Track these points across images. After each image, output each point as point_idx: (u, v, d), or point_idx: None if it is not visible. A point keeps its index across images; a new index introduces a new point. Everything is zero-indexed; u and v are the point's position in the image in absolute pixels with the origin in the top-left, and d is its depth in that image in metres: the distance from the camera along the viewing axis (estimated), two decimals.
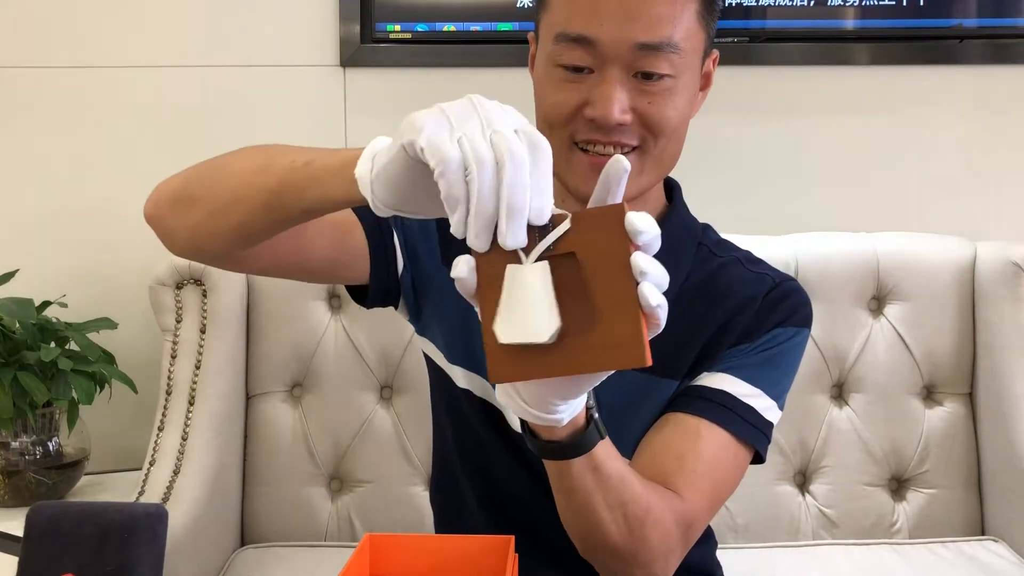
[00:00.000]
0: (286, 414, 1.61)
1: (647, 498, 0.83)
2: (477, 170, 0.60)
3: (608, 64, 0.87)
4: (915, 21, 1.74)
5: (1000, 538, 1.59)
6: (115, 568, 0.72)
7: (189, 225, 0.87)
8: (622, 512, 0.81)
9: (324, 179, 0.74)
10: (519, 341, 0.62)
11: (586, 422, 0.75)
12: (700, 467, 0.91)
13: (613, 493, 0.80)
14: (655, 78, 0.87)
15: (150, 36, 1.75)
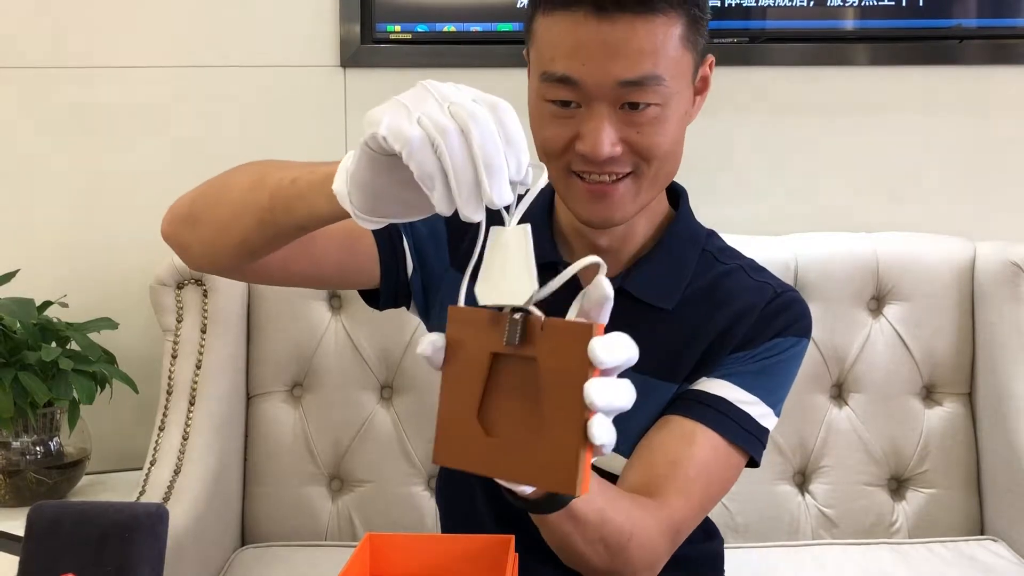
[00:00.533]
0: (286, 414, 1.62)
1: (630, 525, 0.86)
2: (443, 140, 0.59)
3: (594, 101, 0.88)
4: (915, 21, 1.74)
5: (999, 538, 1.59)
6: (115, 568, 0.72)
7: (199, 241, 0.90)
8: (603, 545, 0.84)
9: (309, 197, 0.75)
10: (496, 303, 0.62)
11: None
12: (692, 471, 0.92)
13: (592, 531, 0.83)
14: (642, 107, 0.88)
15: (150, 36, 1.75)
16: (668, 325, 0.99)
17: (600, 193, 0.90)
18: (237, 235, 0.84)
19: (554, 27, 0.87)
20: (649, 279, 0.99)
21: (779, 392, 1.00)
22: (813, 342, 1.59)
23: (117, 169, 1.77)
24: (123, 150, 1.76)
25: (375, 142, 0.62)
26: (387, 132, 0.61)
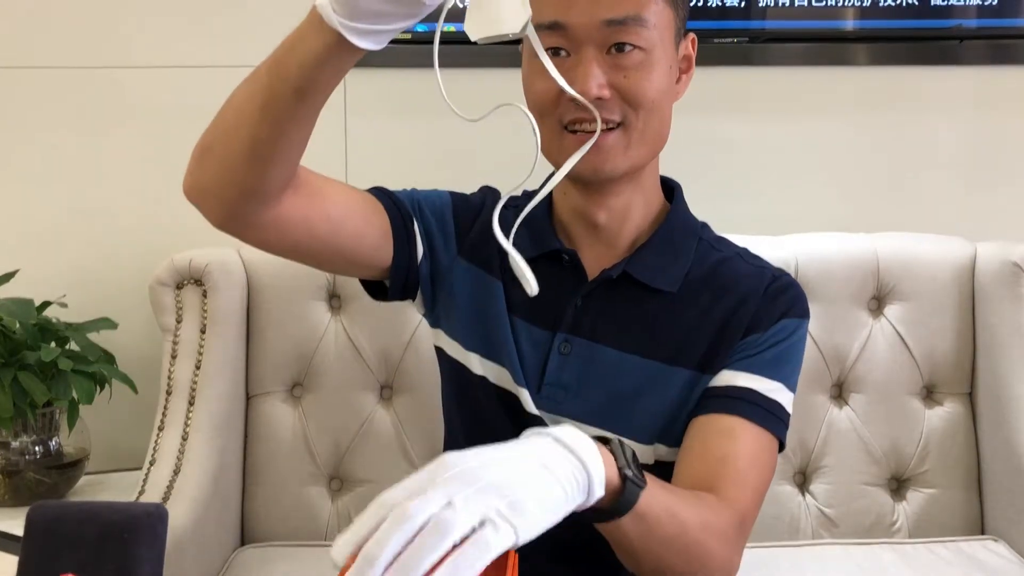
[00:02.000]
0: (286, 414, 1.62)
1: (701, 519, 0.85)
2: None
3: (582, 45, 0.92)
4: (915, 21, 1.74)
5: (1000, 538, 1.59)
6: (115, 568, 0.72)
7: (212, 172, 0.86)
8: (681, 542, 0.83)
9: (298, 44, 0.75)
10: (489, 35, 0.60)
11: (621, 483, 0.75)
12: (742, 464, 0.93)
13: (666, 529, 0.81)
14: (627, 49, 0.92)
15: (150, 36, 1.75)
16: (673, 310, 1.01)
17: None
18: (245, 136, 0.81)
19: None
20: (651, 264, 1.01)
21: (795, 375, 1.04)
22: (813, 341, 1.60)
23: (117, 169, 1.77)
24: (123, 150, 1.76)
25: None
26: None
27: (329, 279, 1.62)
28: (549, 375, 1.01)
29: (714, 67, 1.74)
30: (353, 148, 1.78)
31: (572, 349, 1.01)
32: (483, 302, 1.05)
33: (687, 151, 1.83)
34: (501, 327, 1.04)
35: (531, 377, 1.02)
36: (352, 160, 1.78)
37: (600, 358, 1.01)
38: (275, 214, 0.89)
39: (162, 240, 1.72)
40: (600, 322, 1.01)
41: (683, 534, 0.83)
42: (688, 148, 1.79)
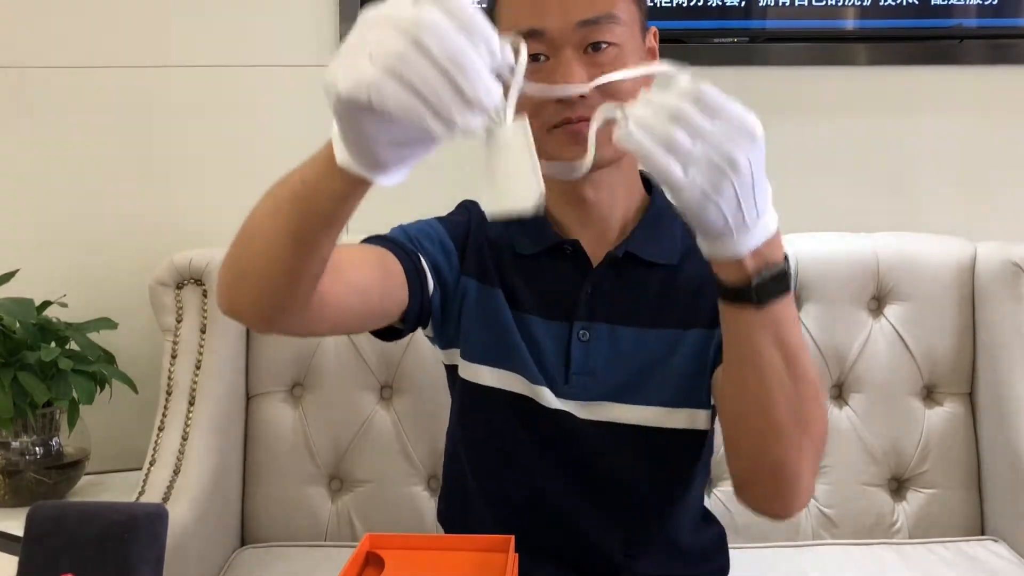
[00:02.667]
0: (286, 414, 1.62)
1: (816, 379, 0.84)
2: (402, 66, 0.57)
3: (560, 47, 0.96)
4: (915, 21, 1.74)
5: (1000, 538, 1.59)
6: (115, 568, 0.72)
7: (251, 298, 0.90)
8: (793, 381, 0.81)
9: (323, 186, 0.74)
10: (504, 210, 0.59)
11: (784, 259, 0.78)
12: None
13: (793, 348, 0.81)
14: (603, 47, 0.96)
15: (150, 36, 1.75)
16: (675, 279, 1.05)
17: (576, 133, 0.96)
18: (279, 264, 0.83)
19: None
20: (648, 241, 1.06)
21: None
22: (813, 342, 1.61)
23: (117, 169, 1.77)
24: (123, 150, 1.76)
25: (341, 104, 0.60)
26: (346, 87, 0.59)
27: None
28: (575, 365, 1.04)
29: (714, 67, 1.74)
30: None
31: (591, 335, 1.04)
32: (488, 312, 1.07)
33: None
34: (509, 333, 1.06)
35: (554, 371, 1.04)
36: None
37: (620, 338, 1.04)
38: (311, 306, 0.91)
39: (162, 240, 1.72)
40: (613, 304, 1.05)
41: (808, 371, 0.82)
42: None
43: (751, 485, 0.90)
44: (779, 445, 0.83)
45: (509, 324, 1.06)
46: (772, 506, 0.90)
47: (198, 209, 1.77)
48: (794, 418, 0.82)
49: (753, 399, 0.83)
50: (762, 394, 0.82)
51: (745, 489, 0.91)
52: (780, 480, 0.85)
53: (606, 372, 1.04)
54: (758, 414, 0.83)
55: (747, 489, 0.91)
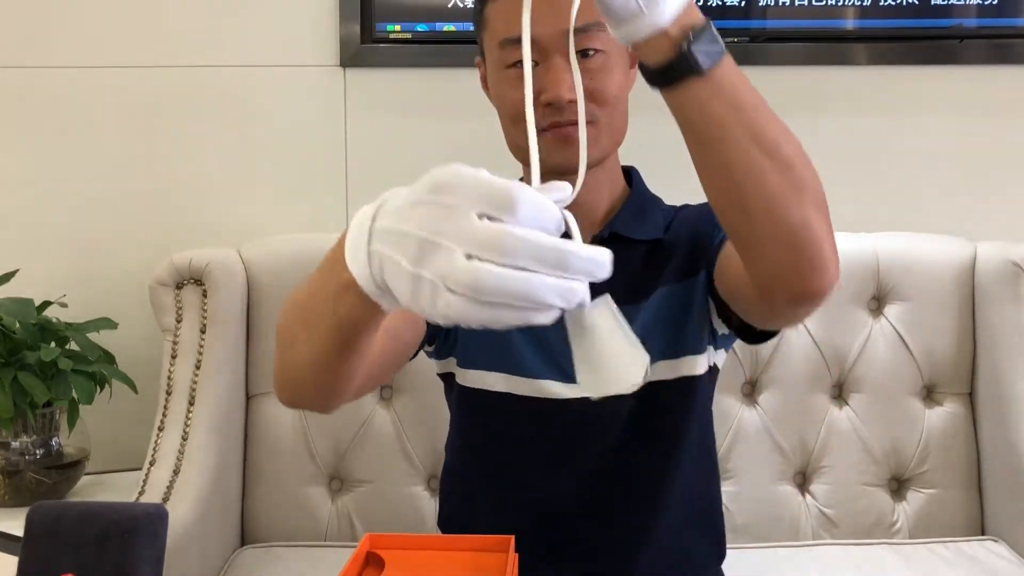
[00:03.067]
0: (286, 414, 1.61)
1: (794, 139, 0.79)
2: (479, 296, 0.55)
3: (550, 54, 0.99)
4: (915, 21, 1.74)
5: (1000, 538, 1.59)
6: (115, 568, 0.72)
7: (311, 397, 0.89)
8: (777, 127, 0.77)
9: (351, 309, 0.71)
10: (609, 394, 0.57)
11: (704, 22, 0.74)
12: None
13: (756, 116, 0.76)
14: (591, 54, 1.00)
15: (150, 36, 1.75)
16: (660, 248, 1.09)
17: (566, 136, 1.00)
18: (329, 375, 0.82)
19: (504, 5, 1.01)
20: (632, 221, 1.10)
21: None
22: (813, 342, 1.61)
23: (117, 169, 1.77)
24: (122, 150, 1.76)
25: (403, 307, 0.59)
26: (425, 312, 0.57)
27: None
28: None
29: None
30: (353, 148, 1.78)
31: None
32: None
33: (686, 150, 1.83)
34: (506, 333, 1.06)
35: (561, 360, 1.06)
36: (352, 160, 1.78)
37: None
38: (367, 379, 0.92)
39: (162, 240, 1.72)
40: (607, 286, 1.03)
41: (777, 122, 0.77)
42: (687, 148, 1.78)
43: (780, 276, 0.80)
44: (786, 212, 0.76)
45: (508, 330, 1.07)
46: (810, 282, 0.79)
47: (198, 209, 1.77)
48: (788, 179, 0.76)
49: (742, 177, 0.76)
50: (746, 166, 0.75)
51: (775, 288, 0.81)
52: (803, 248, 0.77)
53: None
54: (753, 190, 0.76)
55: (777, 285, 0.81)
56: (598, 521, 1.07)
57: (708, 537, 1.15)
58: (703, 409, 1.11)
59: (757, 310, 0.93)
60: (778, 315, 0.90)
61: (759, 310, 0.93)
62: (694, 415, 1.09)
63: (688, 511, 1.11)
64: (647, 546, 1.07)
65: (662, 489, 1.07)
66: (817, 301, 0.81)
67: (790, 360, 1.61)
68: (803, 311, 0.84)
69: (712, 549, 1.15)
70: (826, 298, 0.80)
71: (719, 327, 1.08)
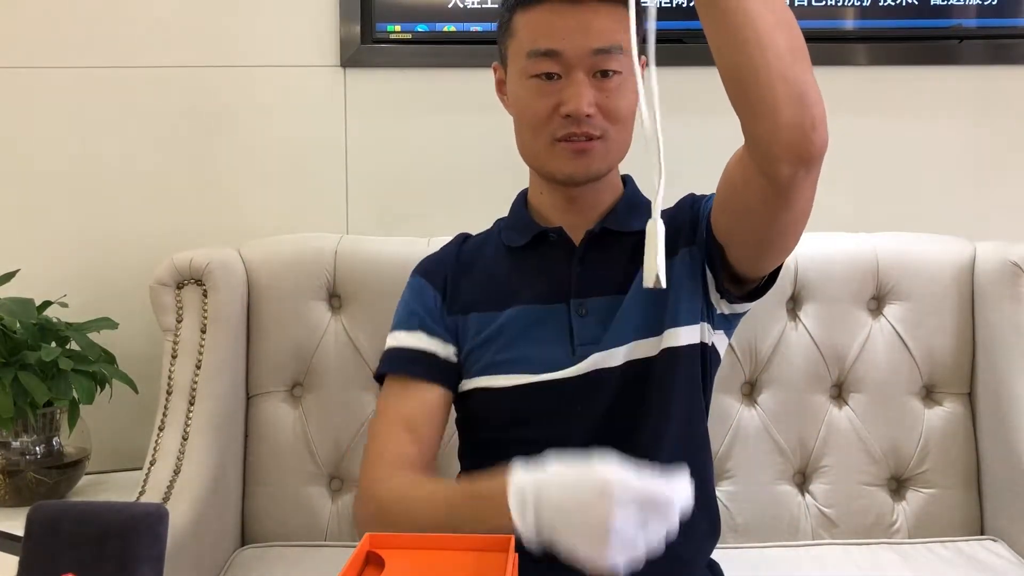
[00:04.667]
0: (286, 414, 1.62)
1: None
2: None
3: (573, 69, 1.08)
4: (915, 21, 1.74)
5: (999, 538, 1.59)
6: (115, 568, 0.72)
7: None
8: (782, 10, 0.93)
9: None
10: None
11: None
12: None
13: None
14: (610, 75, 1.08)
15: (150, 36, 1.75)
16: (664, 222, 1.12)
17: (580, 150, 1.09)
18: None
19: (535, 17, 1.08)
20: (622, 216, 1.18)
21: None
22: (813, 342, 1.61)
23: (117, 169, 1.77)
24: (123, 150, 1.77)
25: None
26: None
27: (329, 279, 1.62)
28: (577, 337, 1.12)
29: (714, 67, 1.74)
30: (353, 148, 1.78)
31: (588, 309, 1.13)
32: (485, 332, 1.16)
33: (687, 151, 1.83)
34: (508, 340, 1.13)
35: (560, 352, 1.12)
36: (352, 160, 1.79)
37: (614, 306, 1.12)
38: None
39: (162, 240, 1.72)
40: (600, 276, 1.14)
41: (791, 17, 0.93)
42: (688, 148, 1.78)
43: (785, 136, 0.90)
44: (796, 70, 0.91)
45: (507, 332, 1.14)
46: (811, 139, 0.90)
47: (198, 209, 1.77)
48: (797, 42, 0.94)
49: (763, 40, 0.90)
50: (766, 30, 0.90)
51: (779, 153, 0.91)
52: (809, 105, 0.89)
53: (608, 338, 1.11)
54: (771, 52, 0.90)
55: (782, 148, 0.90)
56: None
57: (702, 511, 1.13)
58: (689, 382, 1.13)
59: (759, 211, 0.97)
60: (779, 196, 0.94)
61: (761, 208, 0.97)
62: (678, 388, 1.11)
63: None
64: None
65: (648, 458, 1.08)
66: (815, 162, 0.91)
67: (790, 360, 1.61)
68: (801, 177, 0.92)
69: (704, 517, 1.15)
70: (820, 162, 0.92)
71: (717, 304, 1.14)
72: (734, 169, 1.01)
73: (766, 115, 0.89)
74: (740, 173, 0.98)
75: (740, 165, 0.98)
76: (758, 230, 1.01)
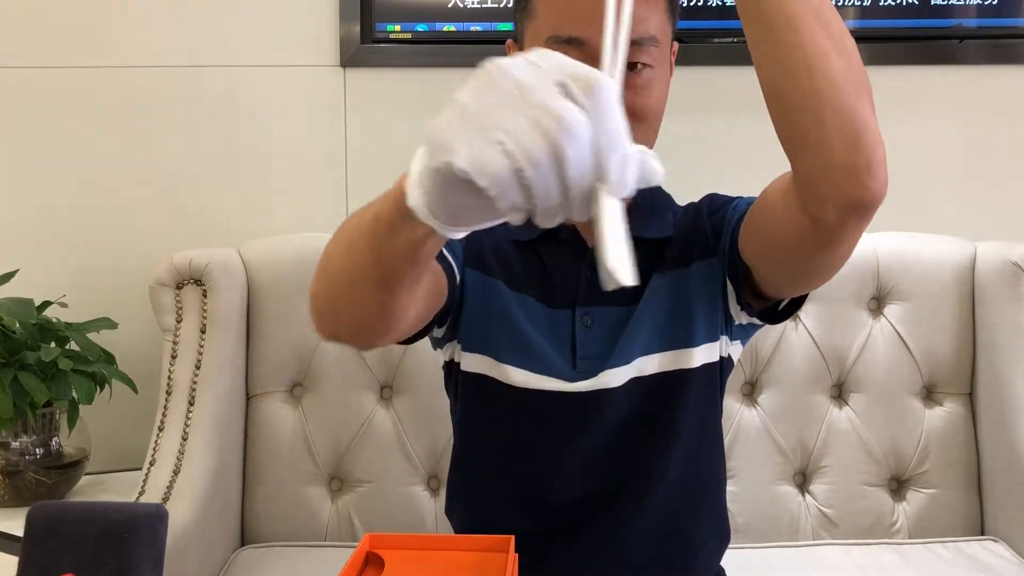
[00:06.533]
0: (286, 414, 1.62)
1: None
2: (534, 173, 0.53)
3: (599, 61, 0.92)
4: (915, 21, 1.74)
5: (1000, 538, 1.59)
6: (115, 568, 0.72)
7: (349, 331, 0.88)
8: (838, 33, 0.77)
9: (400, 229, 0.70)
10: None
11: None
12: None
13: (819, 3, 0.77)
14: (639, 68, 0.97)
15: (150, 36, 1.75)
16: (666, 247, 1.08)
17: None
18: (373, 303, 0.81)
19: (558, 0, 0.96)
20: (640, 221, 1.06)
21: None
22: (813, 342, 1.61)
23: (117, 169, 1.77)
24: (123, 150, 1.77)
25: (449, 175, 0.55)
26: (468, 165, 0.54)
27: None
28: (580, 349, 1.05)
29: (714, 67, 1.74)
30: (353, 148, 1.78)
31: (594, 321, 1.05)
32: (490, 303, 1.07)
33: (687, 151, 1.82)
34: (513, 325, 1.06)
35: (561, 360, 1.05)
36: (352, 160, 1.79)
37: (624, 318, 1.05)
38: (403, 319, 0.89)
39: (162, 240, 1.72)
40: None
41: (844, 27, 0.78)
42: (688, 148, 1.78)
43: (834, 177, 0.78)
44: (850, 101, 0.76)
45: (512, 316, 1.06)
46: (864, 184, 0.77)
47: (198, 209, 1.77)
48: (852, 69, 0.77)
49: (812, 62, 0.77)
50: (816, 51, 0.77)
51: (826, 194, 0.79)
52: (862, 145, 0.76)
53: (611, 353, 1.04)
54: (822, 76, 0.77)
55: (830, 189, 0.78)
56: (595, 507, 1.06)
57: (708, 522, 1.12)
58: (701, 400, 1.08)
59: (795, 249, 0.86)
60: (820, 240, 0.83)
61: (798, 246, 0.85)
62: (689, 407, 1.06)
63: (685, 491, 1.08)
64: (641, 529, 1.06)
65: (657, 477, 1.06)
66: (868, 211, 0.78)
67: (790, 360, 1.61)
68: (851, 225, 0.80)
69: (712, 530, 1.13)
70: (874, 210, 0.78)
71: (737, 316, 1.07)
72: (775, 197, 0.89)
73: (813, 151, 0.78)
74: (782, 203, 0.86)
75: (783, 195, 0.86)
76: (790, 266, 0.92)
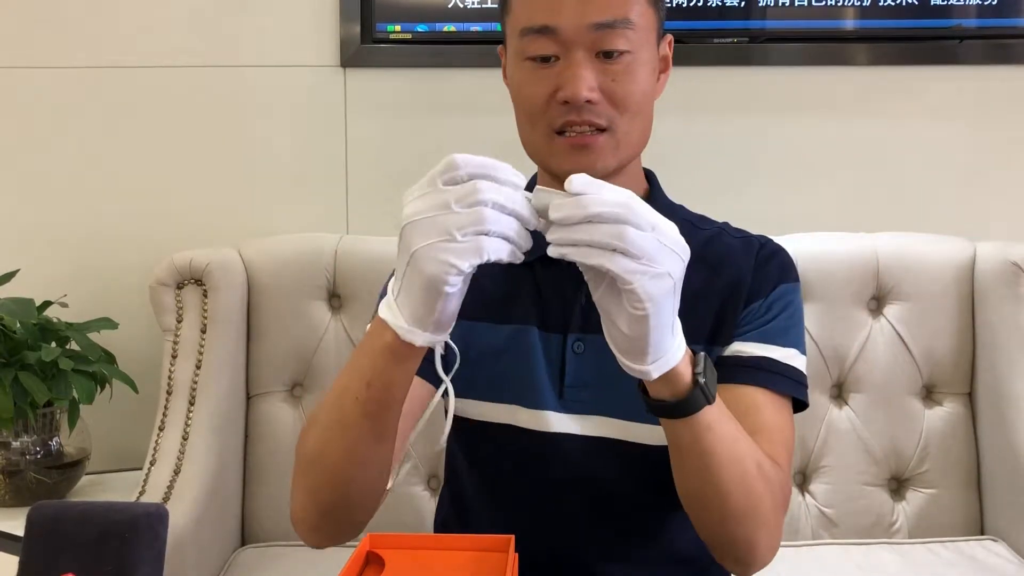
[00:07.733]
0: (286, 414, 1.62)
1: (757, 456, 0.87)
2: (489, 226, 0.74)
3: (572, 48, 0.93)
4: (915, 21, 1.74)
5: (999, 538, 1.59)
6: (115, 568, 0.72)
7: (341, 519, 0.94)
8: (739, 470, 0.84)
9: (386, 373, 0.78)
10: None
11: (692, 384, 0.79)
12: (775, 435, 0.95)
13: (726, 450, 0.83)
14: (615, 55, 0.93)
15: (151, 36, 1.75)
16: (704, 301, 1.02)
17: (581, 144, 0.95)
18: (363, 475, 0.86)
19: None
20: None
21: (803, 339, 1.06)
22: (813, 342, 1.60)
23: (117, 169, 1.77)
24: (123, 150, 1.77)
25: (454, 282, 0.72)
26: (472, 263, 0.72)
27: (329, 279, 1.62)
28: (569, 377, 1.00)
29: (714, 67, 1.74)
30: (353, 148, 1.78)
31: (585, 348, 1.00)
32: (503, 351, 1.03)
33: (687, 150, 1.82)
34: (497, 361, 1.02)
35: (548, 387, 1.01)
36: (352, 160, 1.79)
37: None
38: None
39: (162, 240, 1.72)
40: None
41: (742, 463, 0.84)
42: (688, 147, 1.78)
43: (712, 548, 0.92)
44: (735, 527, 0.87)
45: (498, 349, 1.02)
46: (733, 568, 0.92)
47: (198, 209, 1.77)
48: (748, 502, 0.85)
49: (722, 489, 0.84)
50: (723, 483, 0.84)
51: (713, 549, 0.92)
52: (739, 555, 0.89)
53: (598, 387, 1.00)
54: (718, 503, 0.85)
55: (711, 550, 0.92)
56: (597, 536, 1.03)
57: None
58: None
59: None
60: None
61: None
62: None
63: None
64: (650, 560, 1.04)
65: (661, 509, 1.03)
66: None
67: None
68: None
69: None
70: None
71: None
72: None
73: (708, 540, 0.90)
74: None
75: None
76: None
